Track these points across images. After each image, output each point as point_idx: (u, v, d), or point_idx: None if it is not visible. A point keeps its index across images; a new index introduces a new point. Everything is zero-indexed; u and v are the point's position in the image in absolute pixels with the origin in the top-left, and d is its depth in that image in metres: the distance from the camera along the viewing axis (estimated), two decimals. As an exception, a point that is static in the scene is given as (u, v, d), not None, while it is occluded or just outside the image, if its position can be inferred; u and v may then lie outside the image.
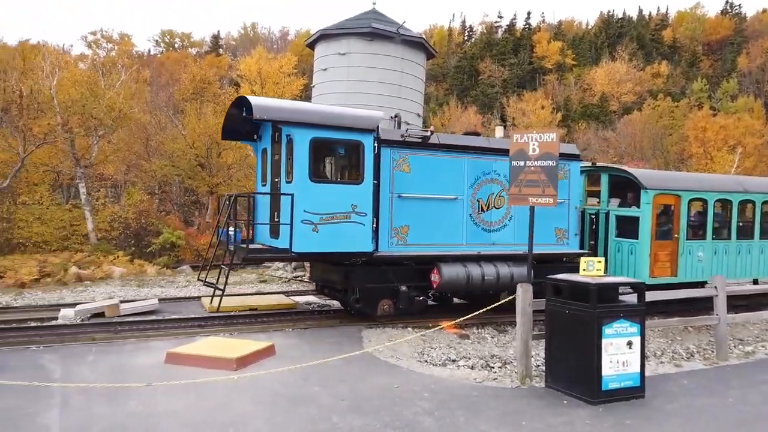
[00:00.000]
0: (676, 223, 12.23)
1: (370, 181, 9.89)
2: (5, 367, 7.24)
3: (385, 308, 10.42)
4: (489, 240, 11.20)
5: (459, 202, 10.88)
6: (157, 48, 70.86)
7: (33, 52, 27.28)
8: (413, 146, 10.52)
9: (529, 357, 7.25)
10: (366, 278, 10.28)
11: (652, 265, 11.91)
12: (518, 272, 10.85)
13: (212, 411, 5.85)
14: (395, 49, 18.73)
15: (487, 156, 11.19)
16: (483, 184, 11.14)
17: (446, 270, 10.39)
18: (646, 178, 12.18)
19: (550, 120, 53.52)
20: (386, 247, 10.24)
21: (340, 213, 9.63)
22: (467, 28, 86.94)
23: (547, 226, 11.48)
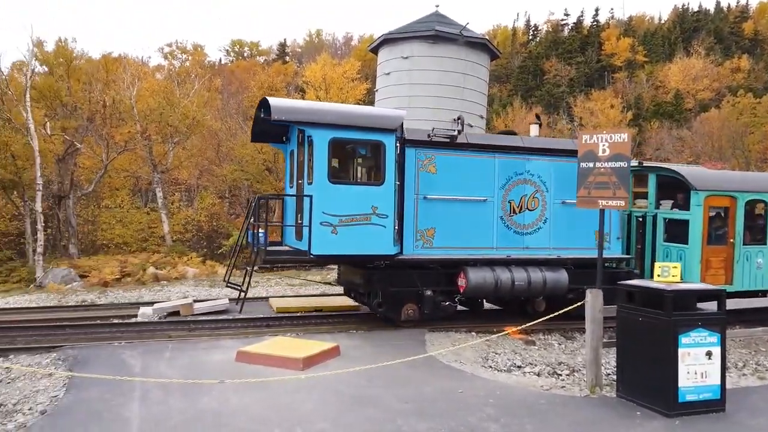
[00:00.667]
0: (731, 226, 11.34)
1: (392, 182, 9.63)
2: (92, 360, 7.74)
3: (410, 313, 10.15)
4: (522, 243, 10.73)
5: (489, 203, 10.49)
6: (228, 57, 73.61)
7: (115, 65, 29.02)
8: (440, 146, 10.21)
9: (600, 365, 7.01)
10: (389, 281, 10.04)
11: (704, 272, 11.06)
12: (552, 278, 10.39)
13: (280, 409, 6.01)
14: (458, 51, 18.60)
15: (520, 155, 10.74)
16: (515, 184, 10.69)
17: (473, 274, 10.01)
18: (697, 178, 11.37)
19: (620, 119, 51.52)
20: (411, 249, 9.99)
21: (360, 215, 9.41)
22: (532, 28, 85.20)
23: (586, 229, 10.91)
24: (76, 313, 12.07)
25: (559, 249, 10.87)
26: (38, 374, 7.23)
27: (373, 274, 10.09)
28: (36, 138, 22.30)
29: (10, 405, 6.25)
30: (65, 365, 7.62)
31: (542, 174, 10.85)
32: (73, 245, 24.09)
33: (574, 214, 10.68)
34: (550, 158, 10.92)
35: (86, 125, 24.84)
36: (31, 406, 6.14)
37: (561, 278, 10.49)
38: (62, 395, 6.36)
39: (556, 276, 10.45)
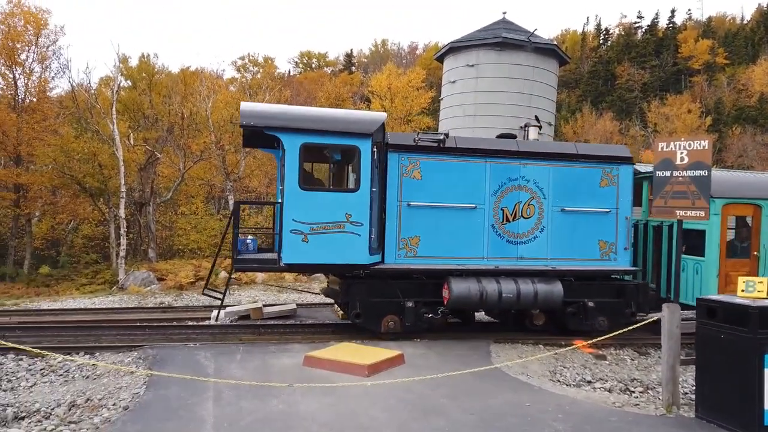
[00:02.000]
0: (755, 237, 10.38)
1: (368, 189, 9.20)
2: (169, 360, 8.14)
3: (390, 325, 9.72)
4: (515, 254, 10.17)
5: (479, 211, 10.00)
6: (296, 69, 75.68)
7: (192, 78, 30.52)
8: (426, 151, 9.81)
9: (677, 383, 6.68)
10: (368, 292, 9.68)
11: (723, 287, 10.15)
12: (544, 290, 9.78)
13: (346, 415, 6.10)
14: (526, 58, 18.37)
15: (514, 160, 10.17)
16: (509, 191, 10.14)
17: (456, 285, 9.52)
18: (714, 183, 10.37)
19: (698, 125, 49.00)
20: (393, 259, 9.66)
21: (333, 222, 9.06)
22: (603, 31, 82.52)
23: (588, 239, 10.33)
24: (155, 314, 12.73)
25: (558, 260, 10.28)
26: (121, 372, 7.68)
27: (351, 284, 9.76)
28: (120, 148, 23.81)
29: (96, 400, 6.67)
30: (145, 364, 8.05)
31: (539, 180, 10.26)
32: (152, 249, 25.46)
33: (575, 222, 10.27)
34: (548, 163, 10.30)
35: (165, 136, 26.28)
36: (114, 401, 6.52)
37: (554, 290, 9.84)
38: (143, 392, 6.71)
39: (549, 288, 9.82)
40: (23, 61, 29.21)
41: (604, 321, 10.30)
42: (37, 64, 29.75)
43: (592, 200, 10.34)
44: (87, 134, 27.36)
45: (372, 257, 9.36)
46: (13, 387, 7.52)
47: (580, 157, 10.39)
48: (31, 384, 7.63)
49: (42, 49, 29.54)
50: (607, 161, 10.44)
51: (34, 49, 29.27)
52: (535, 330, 10.49)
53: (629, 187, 10.55)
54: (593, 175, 10.37)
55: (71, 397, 6.78)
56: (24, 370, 8.14)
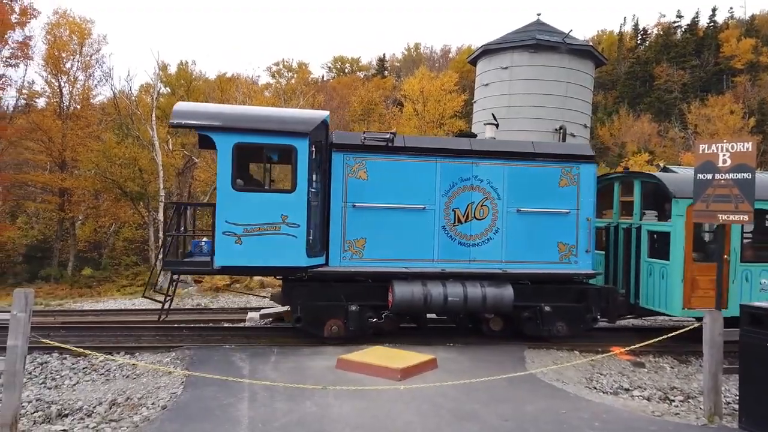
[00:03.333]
0: (725, 239, 9.74)
1: (305, 190, 8.91)
2: (206, 361, 8.30)
3: (334, 329, 9.45)
4: (468, 256, 9.84)
5: (429, 212, 9.69)
6: (330, 74, 76.35)
7: (228, 84, 31.11)
8: (372, 150, 9.54)
9: (719, 393, 6.47)
10: (311, 295, 9.44)
11: (688, 293, 9.63)
12: (493, 294, 9.45)
13: (379, 419, 6.11)
14: (560, 60, 18.13)
15: (467, 159, 9.83)
16: (460, 191, 9.80)
17: (399, 289, 9.26)
18: (678, 183, 9.93)
19: (741, 126, 47.44)
20: (338, 261, 9.44)
21: (268, 224, 8.78)
22: (640, 31, 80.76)
23: (546, 241, 9.97)
24: (192, 316, 12.99)
25: (514, 262, 9.93)
26: (160, 372, 7.86)
27: (292, 287, 9.52)
28: (160, 153, 24.44)
29: (135, 399, 6.84)
30: (183, 364, 8.23)
31: (493, 180, 9.92)
32: (188, 252, 25.98)
33: (532, 223, 9.93)
34: (502, 162, 9.94)
35: (202, 141, 26.79)
36: (153, 401, 6.68)
37: (504, 294, 9.50)
38: (180, 392, 6.86)
39: (499, 292, 9.48)
40: (68, 69, 30.32)
41: (562, 326, 9.96)
42: (81, 73, 30.85)
43: (551, 201, 9.99)
44: (128, 140, 28.23)
45: (311, 260, 9.09)
46: (57, 385, 7.78)
47: (538, 156, 10.04)
48: (74, 382, 7.88)
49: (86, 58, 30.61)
50: (566, 160, 10.08)
51: (78, 58, 30.36)
52: (492, 335, 10.15)
53: (591, 187, 10.17)
54: (551, 175, 10.01)
55: (112, 396, 6.98)
56: (67, 368, 8.41)
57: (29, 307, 5.38)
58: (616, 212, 11.47)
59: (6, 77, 29.05)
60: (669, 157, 44.31)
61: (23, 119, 30.06)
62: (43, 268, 27.89)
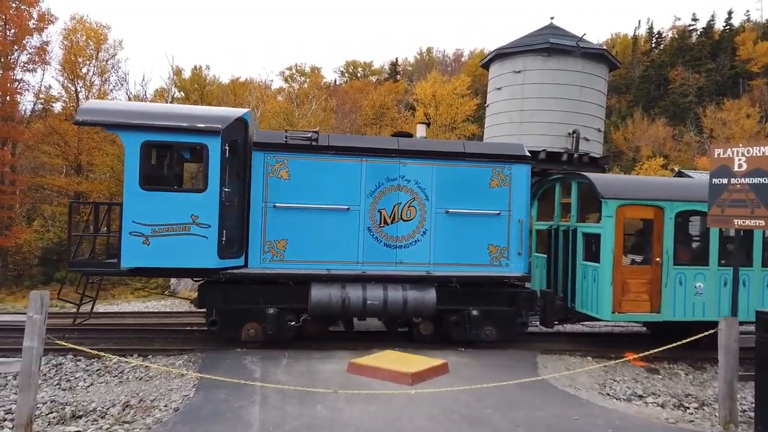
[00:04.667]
0: (657, 242, 9.57)
1: (217, 189, 8.68)
2: (218, 364, 8.34)
3: (251, 333, 9.23)
4: (394, 258, 9.59)
5: (353, 213, 9.48)
6: (342, 78, 76.63)
7: (242, 89, 31.34)
8: (295, 149, 9.33)
9: (735, 400, 6.39)
10: (227, 298, 9.20)
11: (619, 296, 9.43)
12: (415, 297, 9.25)
13: (390, 423, 6.10)
14: (574, 63, 18.03)
15: (393, 159, 9.60)
16: (387, 192, 9.57)
17: (316, 292, 9.08)
18: (608, 184, 9.83)
19: (757, 130, 46.89)
20: (258, 263, 9.21)
21: (178, 224, 8.55)
22: (655, 35, 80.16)
23: (477, 243, 9.73)
24: (204, 318, 13.02)
25: (442, 265, 9.70)
26: (172, 374, 7.91)
27: (207, 289, 9.29)
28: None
29: (148, 401, 6.89)
30: (195, 367, 8.28)
31: (421, 180, 9.69)
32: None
33: (461, 225, 9.70)
34: (431, 162, 9.73)
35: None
36: (166, 403, 6.73)
37: (426, 298, 9.32)
38: (192, 395, 6.90)
39: (421, 295, 9.31)
40: (84, 74, 30.72)
41: (491, 331, 9.79)
42: (97, 77, 31.24)
43: (481, 202, 9.77)
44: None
45: (224, 261, 8.90)
46: (72, 386, 7.86)
47: (468, 156, 9.82)
48: (88, 384, 7.96)
49: (102, 63, 31.01)
50: (498, 160, 9.86)
51: (94, 63, 30.76)
52: (422, 340, 9.88)
53: (524, 187, 9.97)
54: (482, 175, 9.81)
55: (125, 398, 7.04)
56: (82, 370, 8.50)
57: (45, 309, 5.45)
58: (557, 214, 11.30)
59: (24, 82, 29.55)
60: (684, 162, 43.89)
61: (40, 123, 30.50)
62: (58, 271, 28.20)
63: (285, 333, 9.38)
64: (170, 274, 9.85)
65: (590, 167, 17.40)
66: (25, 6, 28.01)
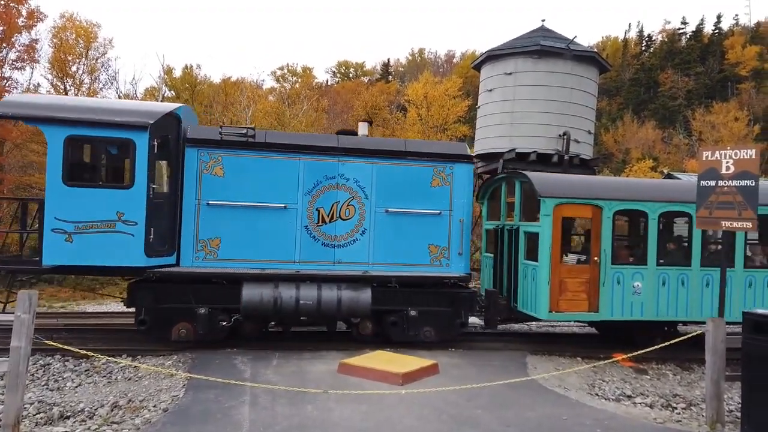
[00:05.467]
0: (595, 241, 9.55)
1: (144, 186, 8.48)
2: (208, 364, 8.31)
3: (182, 333, 9.07)
4: (332, 257, 9.52)
5: (290, 211, 9.36)
6: (334, 78, 76.53)
7: (233, 88, 31.24)
8: (230, 146, 9.21)
9: (721, 400, 6.46)
10: (156, 297, 9.01)
11: (556, 295, 9.42)
12: (349, 297, 9.17)
13: (380, 423, 6.10)
14: (564, 66, 18.14)
15: (332, 157, 9.53)
16: (325, 190, 9.49)
17: (247, 291, 8.96)
18: (546, 183, 9.74)
19: (746, 133, 47.37)
20: (190, 262, 9.07)
21: (102, 221, 8.34)
22: (645, 38, 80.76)
23: (417, 243, 9.66)
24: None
25: (382, 264, 9.63)
26: (161, 374, 7.87)
27: (136, 288, 9.12)
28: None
29: (137, 401, 6.85)
30: (185, 367, 8.24)
31: (360, 179, 9.62)
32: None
33: (401, 224, 9.65)
34: (371, 161, 9.66)
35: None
36: (155, 403, 6.69)
37: (361, 298, 9.23)
38: (182, 395, 6.87)
39: (356, 295, 9.22)
40: (74, 73, 30.49)
41: (430, 332, 9.70)
42: (87, 76, 31.00)
43: (422, 201, 9.72)
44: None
45: (152, 260, 8.70)
46: (60, 387, 7.80)
47: (409, 155, 9.75)
48: (76, 384, 7.90)
49: (91, 62, 30.78)
50: (439, 160, 9.80)
51: (84, 61, 30.53)
52: (361, 340, 9.77)
53: (465, 187, 9.91)
54: (423, 174, 9.75)
55: (114, 398, 6.99)
56: (70, 370, 8.43)
57: (33, 308, 5.40)
58: (503, 214, 11.28)
59: (12, 80, 29.25)
60: (673, 164, 44.24)
61: (29, 122, 30.16)
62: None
63: (217, 333, 9.26)
64: (95, 272, 9.64)
65: (581, 169, 17.52)
66: (13, 3, 27.75)
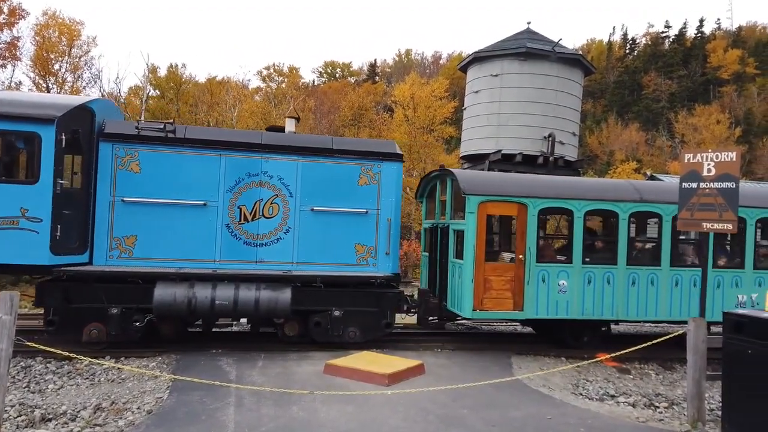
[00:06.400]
0: (520, 239, 9.48)
1: (50, 181, 8.20)
2: (192, 365, 8.25)
3: (93, 333, 8.76)
4: (254, 257, 9.36)
5: (211, 209, 9.18)
6: (321, 78, 76.37)
7: (219, 88, 31.05)
8: (148, 141, 8.98)
9: (703, 399, 6.55)
10: (66, 297, 8.70)
11: (480, 293, 9.32)
12: (267, 297, 8.93)
13: (366, 424, 6.10)
14: (550, 68, 18.30)
15: (255, 154, 9.36)
16: (248, 187, 9.32)
17: (160, 291, 8.69)
18: (471, 180, 9.67)
19: (727, 136, 48.13)
20: (104, 260, 8.84)
21: (4, 218, 8.08)
22: (629, 41, 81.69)
23: (343, 242, 9.55)
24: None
25: (306, 264, 9.49)
26: (145, 376, 7.80)
27: (44, 288, 8.77)
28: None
29: (120, 403, 6.78)
30: (169, 369, 8.17)
31: (285, 176, 9.47)
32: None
33: (327, 223, 9.53)
34: (296, 158, 9.51)
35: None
36: (139, 405, 6.63)
37: (280, 298, 8.98)
38: (166, 397, 6.81)
39: (275, 295, 8.98)
40: (56, 71, 30.10)
41: (355, 332, 9.52)
42: (70, 74, 30.62)
43: (349, 200, 9.60)
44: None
45: (59, 258, 8.44)
46: (41, 389, 7.69)
47: (335, 152, 9.63)
48: (58, 386, 7.80)
49: (75, 60, 30.40)
50: (367, 157, 9.69)
51: (67, 59, 30.15)
52: (288, 341, 9.63)
53: (394, 185, 9.78)
54: (350, 173, 9.64)
55: (97, 400, 6.91)
56: (51, 372, 8.32)
57: (14, 309, 5.33)
58: (437, 212, 11.25)
59: (-7, 77, 28.82)
60: (656, 166, 44.79)
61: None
62: (28, 271, 27.52)
63: (131, 334, 9.00)
64: None
65: (565, 170, 17.68)
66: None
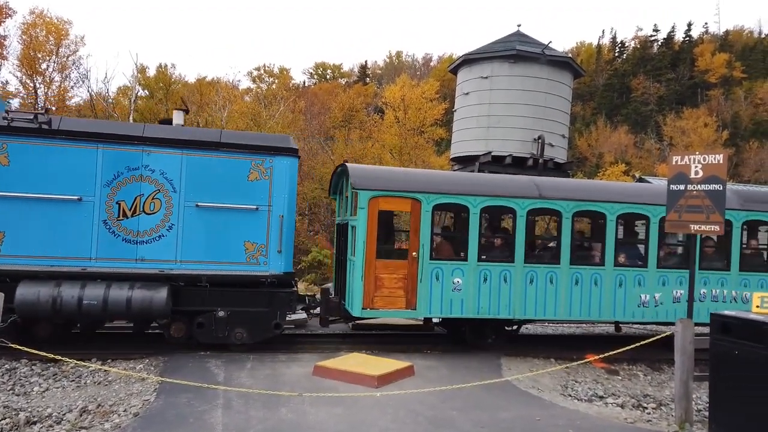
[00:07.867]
0: (414, 236, 9.23)
1: None
2: (180, 368, 8.18)
3: None
4: (134, 255, 8.93)
5: (86, 204, 8.76)
6: (311, 80, 76.26)
7: (208, 88, 30.90)
8: (17, 132, 8.56)
9: (690, 400, 6.59)
10: None
11: (371, 291, 9.09)
12: (141, 297, 8.55)
13: (355, 426, 6.08)
14: (540, 70, 18.39)
15: (136, 147, 8.94)
16: (127, 182, 8.90)
17: (22, 290, 8.29)
18: (362, 175, 9.42)
19: (714, 139, 48.63)
20: None
21: None
22: (618, 44, 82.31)
23: (231, 240, 9.18)
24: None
25: (191, 262, 9.12)
26: (132, 378, 7.73)
27: None
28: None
29: (107, 406, 6.71)
30: (156, 371, 8.10)
31: (168, 170, 9.08)
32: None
33: (214, 220, 9.16)
34: (180, 151, 9.12)
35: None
36: (125, 408, 6.56)
37: (155, 298, 8.60)
38: (153, 399, 6.75)
39: (149, 295, 8.57)
40: (44, 70, 29.82)
41: (242, 333, 9.26)
42: (57, 74, 30.34)
43: (237, 196, 9.23)
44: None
45: None
46: (26, 392, 7.59)
47: (224, 146, 9.26)
48: (43, 389, 7.70)
49: (62, 59, 30.13)
50: (258, 152, 9.35)
51: (54, 58, 29.87)
52: (175, 343, 9.33)
53: (287, 181, 9.43)
54: (240, 167, 9.27)
55: (83, 403, 6.83)
56: (37, 375, 8.22)
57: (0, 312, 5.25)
58: (343, 208, 10.92)
59: (-21, 77, 28.49)
60: (645, 168, 45.14)
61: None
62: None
63: None
64: None
65: (555, 172, 17.76)
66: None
